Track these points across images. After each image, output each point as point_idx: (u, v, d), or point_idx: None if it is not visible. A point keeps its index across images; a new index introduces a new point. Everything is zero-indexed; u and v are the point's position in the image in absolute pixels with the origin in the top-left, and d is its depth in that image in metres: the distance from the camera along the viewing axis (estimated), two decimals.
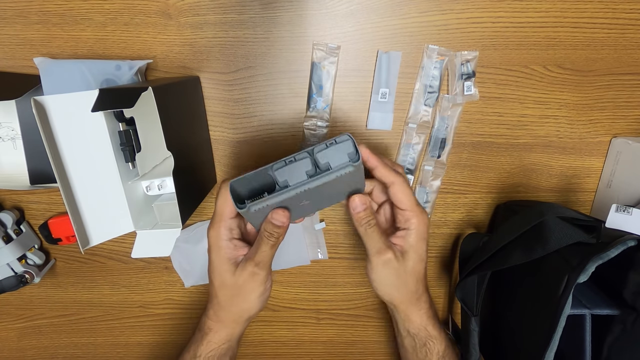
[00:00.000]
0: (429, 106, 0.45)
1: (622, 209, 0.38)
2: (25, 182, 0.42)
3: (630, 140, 0.44)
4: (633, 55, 0.43)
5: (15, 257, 0.47)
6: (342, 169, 0.31)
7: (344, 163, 0.31)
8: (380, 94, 0.44)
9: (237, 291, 0.37)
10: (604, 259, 0.34)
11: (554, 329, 0.35)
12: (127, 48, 0.44)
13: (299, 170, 0.31)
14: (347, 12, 0.42)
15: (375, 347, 0.58)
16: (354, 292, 0.54)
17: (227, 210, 0.36)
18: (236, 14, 0.42)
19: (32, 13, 0.42)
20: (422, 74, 0.44)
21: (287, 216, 0.34)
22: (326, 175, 0.31)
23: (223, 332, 0.39)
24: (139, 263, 0.53)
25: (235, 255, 0.36)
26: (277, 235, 0.35)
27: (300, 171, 0.31)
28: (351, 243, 0.52)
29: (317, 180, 0.31)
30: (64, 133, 0.35)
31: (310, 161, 0.31)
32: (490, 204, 0.49)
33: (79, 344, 0.59)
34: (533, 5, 0.41)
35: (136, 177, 0.41)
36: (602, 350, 0.38)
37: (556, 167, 0.48)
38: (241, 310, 0.38)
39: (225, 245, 0.36)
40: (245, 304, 0.37)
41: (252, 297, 0.37)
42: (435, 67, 0.43)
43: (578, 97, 0.45)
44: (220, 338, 0.39)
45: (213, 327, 0.39)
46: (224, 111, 0.46)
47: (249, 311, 0.38)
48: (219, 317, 0.38)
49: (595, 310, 0.38)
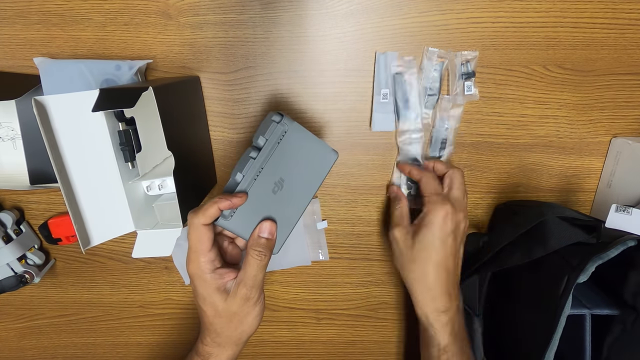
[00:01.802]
0: (428, 109, 0.45)
1: (622, 209, 0.38)
2: (25, 182, 0.42)
3: (630, 140, 0.44)
4: (633, 55, 0.43)
5: (15, 257, 0.47)
6: (275, 133, 0.35)
7: (273, 127, 0.35)
8: (382, 95, 0.44)
9: (233, 317, 0.35)
10: (604, 259, 0.34)
11: (554, 329, 0.35)
12: (127, 48, 0.44)
13: (244, 160, 0.35)
14: (347, 12, 0.42)
15: (375, 347, 0.58)
16: (354, 292, 0.54)
17: (203, 246, 0.34)
18: (236, 14, 0.42)
19: (32, 13, 0.42)
20: (422, 77, 0.44)
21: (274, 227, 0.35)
22: (268, 147, 0.35)
23: (224, 355, 0.38)
24: (139, 263, 0.53)
25: (222, 283, 0.35)
26: (265, 252, 0.35)
27: (246, 159, 0.35)
28: (351, 243, 0.52)
29: (263, 153, 0.35)
30: (64, 133, 0.35)
31: (252, 150, 0.35)
32: (490, 204, 0.49)
33: (79, 344, 0.59)
34: (533, 5, 0.41)
35: (136, 177, 0.41)
36: (602, 350, 0.38)
37: (556, 167, 0.48)
38: (240, 333, 0.37)
39: (210, 277, 0.34)
40: (243, 326, 0.36)
41: (249, 319, 0.36)
42: (435, 69, 0.43)
43: (578, 97, 0.45)
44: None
45: (213, 352, 0.37)
46: (224, 111, 0.46)
47: (248, 332, 0.37)
48: (218, 342, 0.37)
49: (595, 310, 0.38)
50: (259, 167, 0.35)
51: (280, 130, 0.35)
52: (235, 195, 0.34)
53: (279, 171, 0.36)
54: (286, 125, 0.35)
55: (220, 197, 0.34)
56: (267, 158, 0.35)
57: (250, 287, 0.34)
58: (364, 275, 0.53)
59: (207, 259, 0.34)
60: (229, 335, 0.36)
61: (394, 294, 0.54)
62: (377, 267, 0.53)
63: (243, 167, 0.35)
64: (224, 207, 0.34)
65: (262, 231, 0.35)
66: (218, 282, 0.35)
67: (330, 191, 0.49)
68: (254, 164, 0.35)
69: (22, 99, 0.40)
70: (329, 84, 0.45)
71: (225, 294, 0.35)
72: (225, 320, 0.36)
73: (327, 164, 0.38)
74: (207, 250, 0.34)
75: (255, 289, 0.35)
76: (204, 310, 0.36)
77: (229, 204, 0.34)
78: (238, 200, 0.34)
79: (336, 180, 0.49)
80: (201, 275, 0.34)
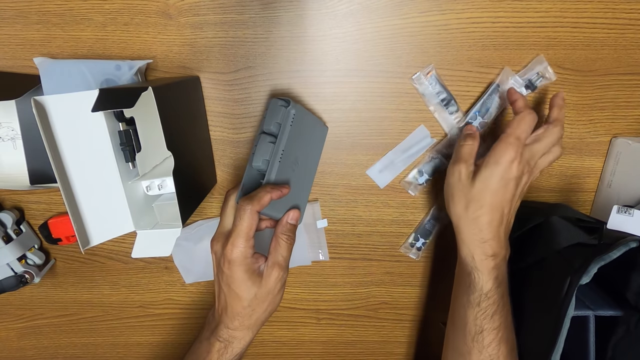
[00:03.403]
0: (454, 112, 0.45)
1: (624, 211, 0.38)
2: (25, 182, 0.42)
3: (630, 140, 0.44)
4: (633, 55, 0.43)
5: (15, 257, 0.47)
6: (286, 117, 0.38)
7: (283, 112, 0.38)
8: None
9: (266, 298, 0.38)
10: (606, 261, 0.34)
11: (559, 330, 0.35)
12: (127, 48, 0.44)
13: (265, 146, 0.37)
14: (347, 12, 0.42)
15: (375, 347, 0.58)
16: (354, 292, 0.54)
17: (251, 231, 0.36)
18: (236, 14, 0.42)
19: (32, 13, 0.42)
20: (426, 100, 0.45)
21: (298, 214, 0.40)
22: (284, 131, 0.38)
23: (248, 337, 0.40)
24: (139, 263, 0.53)
25: (256, 267, 0.37)
26: (292, 236, 0.38)
27: (267, 146, 0.37)
28: (351, 243, 0.52)
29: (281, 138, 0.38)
30: (64, 133, 0.35)
31: (267, 136, 0.38)
32: None
33: (79, 344, 0.59)
34: (533, 5, 0.41)
35: (136, 177, 0.41)
36: (607, 350, 0.38)
37: (556, 167, 0.48)
38: (269, 313, 0.39)
39: (250, 261, 0.37)
40: (272, 306, 0.39)
41: (278, 298, 0.39)
42: (431, 83, 0.44)
43: (578, 97, 0.45)
44: (246, 343, 0.40)
45: (238, 336, 0.39)
46: (224, 111, 0.46)
47: (274, 311, 0.40)
48: (247, 325, 0.39)
49: (598, 312, 0.38)
50: (280, 151, 0.38)
51: (290, 114, 0.38)
52: (283, 187, 0.38)
53: (294, 151, 0.39)
54: (293, 109, 0.38)
55: (272, 187, 0.37)
56: (285, 141, 0.38)
57: (283, 268, 0.38)
58: (364, 275, 0.53)
59: (250, 244, 0.36)
60: (258, 317, 0.39)
61: (394, 294, 0.54)
62: (377, 267, 0.53)
63: (267, 152, 0.37)
64: (276, 197, 0.36)
65: (290, 218, 0.39)
66: (254, 266, 0.37)
67: (330, 191, 0.49)
68: (276, 148, 0.37)
69: (22, 99, 0.40)
70: (329, 84, 0.45)
71: (260, 277, 0.37)
72: (259, 302, 0.38)
73: (323, 138, 0.45)
74: (252, 236, 0.36)
75: (286, 271, 0.38)
76: (238, 294, 0.37)
77: (280, 194, 0.37)
78: (286, 191, 0.38)
79: (336, 180, 0.49)
80: (243, 260, 0.36)
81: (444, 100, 0.44)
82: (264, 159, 0.37)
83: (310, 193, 0.49)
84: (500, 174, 0.38)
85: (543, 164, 0.40)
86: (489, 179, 0.38)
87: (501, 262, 0.39)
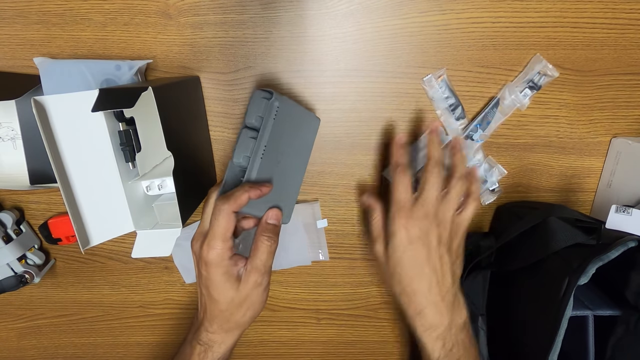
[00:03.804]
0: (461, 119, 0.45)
1: (622, 210, 0.38)
2: (25, 182, 0.42)
3: (630, 140, 0.44)
4: (633, 55, 0.43)
5: (15, 257, 0.47)
6: (269, 111, 0.36)
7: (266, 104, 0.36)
8: None
9: (244, 302, 0.36)
10: (605, 261, 0.34)
11: (556, 331, 0.35)
12: (127, 48, 0.44)
13: (246, 142, 0.35)
14: (347, 12, 0.42)
15: (375, 347, 0.58)
16: (354, 292, 0.54)
17: (228, 232, 0.34)
18: (236, 14, 0.42)
19: (32, 13, 0.42)
20: (434, 103, 0.45)
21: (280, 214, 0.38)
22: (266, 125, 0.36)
23: (229, 340, 0.39)
24: (139, 263, 0.54)
25: (235, 270, 0.36)
26: (273, 238, 0.36)
27: (248, 141, 0.35)
28: (351, 243, 0.52)
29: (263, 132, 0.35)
30: (64, 133, 0.35)
31: (248, 130, 0.36)
32: (491, 204, 0.49)
33: (79, 344, 0.59)
34: (533, 5, 0.41)
35: (136, 177, 0.41)
36: (606, 350, 0.38)
37: (556, 167, 0.48)
38: (248, 318, 0.38)
39: (227, 264, 0.35)
40: (251, 311, 0.37)
41: (258, 304, 0.37)
42: (441, 87, 0.44)
43: (578, 97, 0.45)
44: (227, 347, 0.39)
45: (218, 339, 0.38)
46: (224, 111, 0.46)
47: (255, 316, 0.38)
48: (226, 328, 0.38)
49: (597, 311, 0.38)
50: (263, 146, 0.35)
51: (273, 106, 0.36)
52: (263, 185, 0.36)
53: (278, 146, 0.37)
54: (277, 101, 0.36)
55: (250, 186, 0.35)
56: (267, 136, 0.36)
57: (262, 273, 0.36)
58: (364, 275, 0.53)
59: (228, 245, 0.35)
60: (237, 321, 0.37)
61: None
62: (377, 267, 0.53)
63: (247, 148, 0.35)
64: (255, 196, 0.34)
65: (269, 218, 0.37)
66: (233, 269, 0.36)
67: (330, 191, 0.49)
68: (257, 143, 0.35)
69: (22, 99, 0.40)
70: (329, 84, 0.45)
71: (238, 281, 0.36)
72: (236, 306, 0.36)
73: (314, 130, 0.42)
74: (230, 237, 0.35)
75: (266, 276, 0.36)
76: (214, 297, 0.36)
77: (259, 193, 0.35)
78: (266, 190, 0.36)
79: (336, 180, 0.49)
80: (220, 262, 0.35)
81: (451, 105, 0.44)
82: (244, 155, 0.35)
83: (310, 193, 0.49)
84: (400, 242, 0.37)
85: (465, 216, 0.40)
86: (395, 252, 0.38)
87: (445, 332, 0.38)
